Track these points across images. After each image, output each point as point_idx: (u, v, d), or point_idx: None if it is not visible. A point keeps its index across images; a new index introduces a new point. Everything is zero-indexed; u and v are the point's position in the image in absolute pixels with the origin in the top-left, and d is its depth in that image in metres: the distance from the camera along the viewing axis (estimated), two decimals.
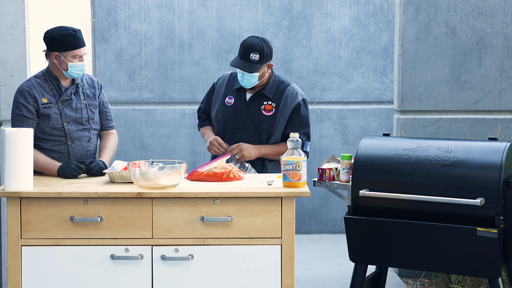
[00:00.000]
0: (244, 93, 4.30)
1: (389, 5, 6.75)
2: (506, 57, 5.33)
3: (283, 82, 4.30)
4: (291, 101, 4.24)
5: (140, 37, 6.74)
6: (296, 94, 4.27)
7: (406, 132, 5.34)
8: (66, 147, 3.97)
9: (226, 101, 4.32)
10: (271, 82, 4.27)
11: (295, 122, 4.25)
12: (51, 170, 3.82)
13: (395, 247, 3.72)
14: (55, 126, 3.94)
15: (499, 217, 3.48)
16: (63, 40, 3.90)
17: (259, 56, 4.14)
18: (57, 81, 3.98)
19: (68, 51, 3.90)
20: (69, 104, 3.99)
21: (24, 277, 3.45)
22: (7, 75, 4.70)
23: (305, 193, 3.44)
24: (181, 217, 3.44)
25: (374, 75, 6.79)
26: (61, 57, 3.91)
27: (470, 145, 3.66)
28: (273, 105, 4.25)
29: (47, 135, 3.95)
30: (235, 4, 6.73)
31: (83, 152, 4.03)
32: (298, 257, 5.69)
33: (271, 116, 4.25)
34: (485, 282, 4.72)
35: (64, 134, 3.97)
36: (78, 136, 4.01)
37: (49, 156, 3.91)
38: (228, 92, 4.33)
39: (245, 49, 4.16)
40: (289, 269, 3.46)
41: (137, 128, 6.79)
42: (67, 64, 3.91)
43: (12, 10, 4.67)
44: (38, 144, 3.93)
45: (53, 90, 3.97)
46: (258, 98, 4.27)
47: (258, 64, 4.15)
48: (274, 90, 4.26)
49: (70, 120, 3.98)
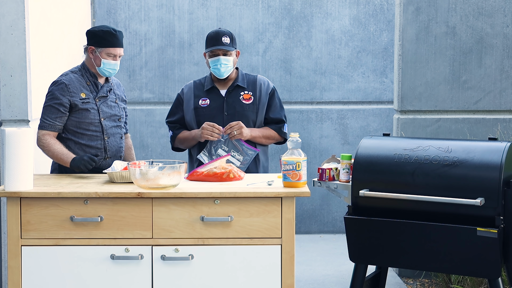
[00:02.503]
0: (217, 91, 4.36)
1: (389, 5, 6.75)
2: (506, 57, 5.33)
3: (250, 74, 4.47)
4: (266, 88, 4.39)
5: (140, 37, 6.74)
6: (267, 81, 4.45)
7: (406, 132, 5.34)
8: (103, 142, 4.06)
9: (201, 104, 4.34)
10: (240, 75, 4.40)
11: (273, 106, 4.39)
12: (64, 161, 3.87)
13: (395, 247, 3.72)
14: (92, 121, 4.02)
15: (499, 217, 3.48)
16: (102, 36, 4.00)
17: (229, 39, 4.29)
18: (94, 77, 4.07)
19: (104, 48, 3.99)
20: (105, 101, 4.09)
21: (24, 277, 3.45)
22: (7, 75, 4.70)
23: (305, 193, 3.44)
24: (181, 217, 3.44)
25: (374, 75, 6.79)
26: (96, 52, 4.01)
27: (470, 145, 3.66)
28: (251, 94, 4.36)
29: (84, 130, 4.01)
30: (235, 4, 6.73)
31: (117, 148, 4.13)
32: (298, 257, 5.69)
33: (252, 104, 4.34)
34: (485, 282, 4.72)
35: (101, 130, 4.05)
36: (113, 132, 4.11)
37: (86, 151, 3.99)
38: (199, 96, 4.37)
39: (215, 35, 4.29)
40: (289, 269, 3.46)
41: (137, 128, 6.79)
42: (101, 60, 4.00)
43: (12, 10, 4.67)
44: (74, 139, 4.00)
45: (90, 86, 4.05)
46: (234, 91, 4.35)
47: (231, 47, 4.28)
48: (246, 81, 4.39)
49: (106, 116, 4.08)
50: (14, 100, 4.68)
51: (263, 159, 4.39)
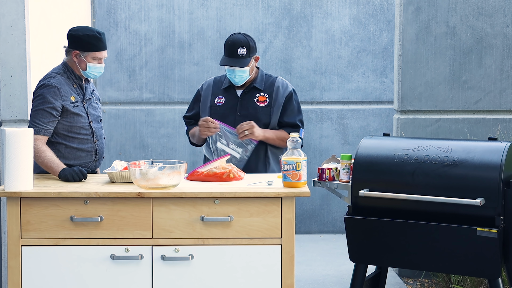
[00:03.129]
0: (234, 91, 4.32)
1: (389, 5, 6.74)
2: (506, 57, 5.32)
3: (271, 75, 4.39)
4: (283, 91, 4.32)
5: (140, 37, 6.73)
6: (287, 84, 4.36)
7: (406, 132, 5.34)
8: (93, 145, 4.02)
9: (216, 102, 4.32)
10: (259, 76, 4.34)
11: (289, 110, 4.31)
12: (54, 169, 3.76)
13: (395, 247, 3.72)
14: (83, 125, 3.97)
15: (499, 217, 3.48)
16: (87, 40, 3.91)
17: (246, 50, 4.20)
18: (79, 80, 4.01)
19: (89, 52, 3.92)
20: (90, 103, 4.05)
21: (24, 277, 3.45)
22: (7, 75, 4.70)
23: (305, 193, 3.44)
24: (181, 217, 3.44)
25: (374, 75, 6.79)
26: (81, 56, 3.93)
27: (470, 145, 3.66)
28: (266, 96, 4.30)
29: (75, 134, 3.95)
30: (235, 4, 6.73)
31: (103, 150, 4.11)
32: (298, 257, 5.69)
33: (266, 107, 4.29)
34: (485, 282, 4.71)
35: (91, 133, 4.01)
36: (100, 134, 4.08)
37: (76, 155, 3.94)
38: (216, 94, 4.34)
39: (231, 45, 4.21)
40: (289, 269, 3.46)
41: (137, 128, 6.79)
42: (86, 64, 3.93)
43: (12, 10, 4.67)
44: (65, 143, 3.93)
45: (77, 89, 4.00)
46: (250, 92, 4.30)
47: (247, 58, 4.21)
48: (264, 83, 4.33)
49: (93, 118, 4.04)
50: (14, 100, 4.68)
51: (274, 163, 4.33)
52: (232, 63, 4.20)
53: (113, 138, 6.77)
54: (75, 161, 3.92)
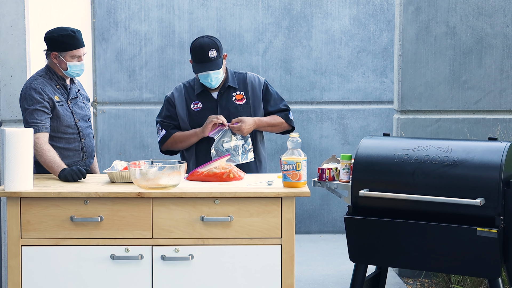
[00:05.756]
0: (209, 94, 4.29)
1: (389, 5, 6.74)
2: (506, 57, 5.33)
3: (239, 72, 4.37)
4: (258, 85, 4.32)
5: (140, 37, 6.74)
6: (258, 77, 4.36)
7: (406, 132, 5.34)
8: (80, 144, 4.04)
9: (193, 108, 4.27)
10: (230, 74, 4.32)
11: (272, 100, 4.32)
12: (55, 170, 3.77)
13: (395, 247, 3.72)
14: (69, 124, 4.00)
15: (499, 217, 3.48)
16: (62, 40, 3.95)
17: (216, 51, 4.17)
18: (62, 80, 4.04)
19: (67, 51, 3.96)
20: (76, 102, 4.07)
21: (24, 277, 3.45)
22: (7, 75, 4.70)
23: (305, 193, 3.45)
24: (181, 217, 3.44)
25: (374, 75, 6.79)
26: (60, 57, 3.97)
27: (470, 145, 3.66)
28: (243, 94, 4.30)
29: (61, 134, 3.99)
30: (235, 4, 6.73)
31: (92, 148, 4.12)
32: (298, 257, 5.69)
33: (245, 104, 4.28)
34: (485, 282, 4.72)
35: (78, 132, 4.03)
36: (87, 133, 4.10)
37: (64, 154, 3.96)
38: (191, 100, 4.29)
39: (201, 50, 4.15)
40: (289, 269, 3.46)
41: (137, 128, 6.79)
42: (66, 64, 3.97)
43: (12, 10, 4.67)
44: (52, 143, 3.94)
45: (60, 89, 4.03)
46: (226, 92, 4.28)
47: (219, 59, 4.18)
48: (236, 80, 4.32)
49: (79, 117, 4.06)
50: (14, 100, 4.68)
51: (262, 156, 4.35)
52: (207, 68, 4.15)
53: (113, 138, 6.77)
54: (64, 160, 3.91)
